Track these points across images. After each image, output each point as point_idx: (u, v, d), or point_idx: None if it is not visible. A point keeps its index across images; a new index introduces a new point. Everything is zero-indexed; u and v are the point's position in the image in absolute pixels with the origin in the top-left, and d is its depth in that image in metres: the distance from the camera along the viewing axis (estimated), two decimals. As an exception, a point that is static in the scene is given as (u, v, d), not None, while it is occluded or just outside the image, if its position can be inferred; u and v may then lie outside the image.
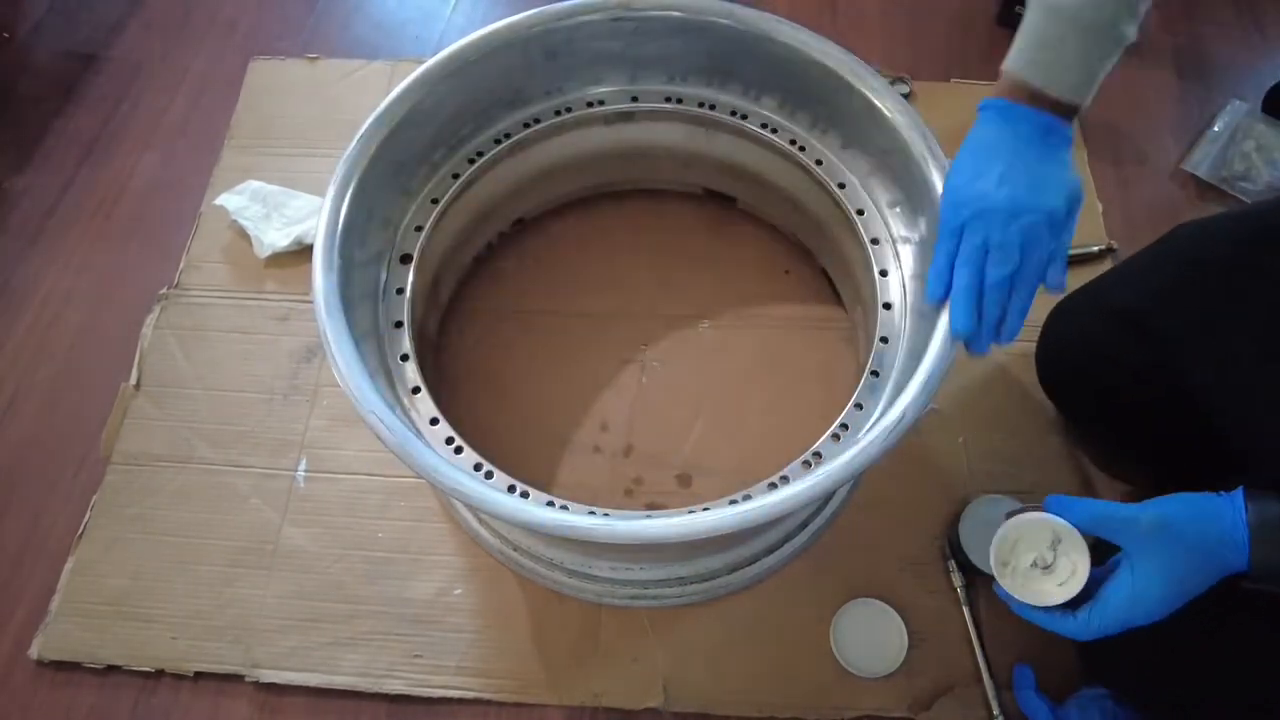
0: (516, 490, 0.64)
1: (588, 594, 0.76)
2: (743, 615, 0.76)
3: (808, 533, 0.77)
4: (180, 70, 1.14)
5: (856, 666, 0.72)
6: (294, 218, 0.96)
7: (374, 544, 0.80)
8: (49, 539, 0.82)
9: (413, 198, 0.79)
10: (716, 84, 0.83)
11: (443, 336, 0.89)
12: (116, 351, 0.91)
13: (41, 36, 1.18)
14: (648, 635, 0.75)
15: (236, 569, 0.79)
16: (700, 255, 0.94)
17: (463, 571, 0.78)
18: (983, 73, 1.06)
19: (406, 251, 0.76)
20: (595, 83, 0.84)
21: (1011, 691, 0.71)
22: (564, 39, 0.78)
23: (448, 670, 0.74)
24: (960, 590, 0.75)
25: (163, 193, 1.03)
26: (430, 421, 0.68)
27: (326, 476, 0.83)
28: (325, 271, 0.65)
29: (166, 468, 0.84)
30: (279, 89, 1.09)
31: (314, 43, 1.15)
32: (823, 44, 0.74)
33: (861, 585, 0.76)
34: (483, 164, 0.81)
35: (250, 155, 1.04)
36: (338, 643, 0.75)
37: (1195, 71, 1.06)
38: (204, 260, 0.96)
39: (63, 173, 1.05)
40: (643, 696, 0.73)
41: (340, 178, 0.69)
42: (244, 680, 0.74)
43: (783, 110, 0.82)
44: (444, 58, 0.74)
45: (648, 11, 0.77)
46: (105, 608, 0.78)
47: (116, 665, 0.75)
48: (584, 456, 0.83)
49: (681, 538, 0.55)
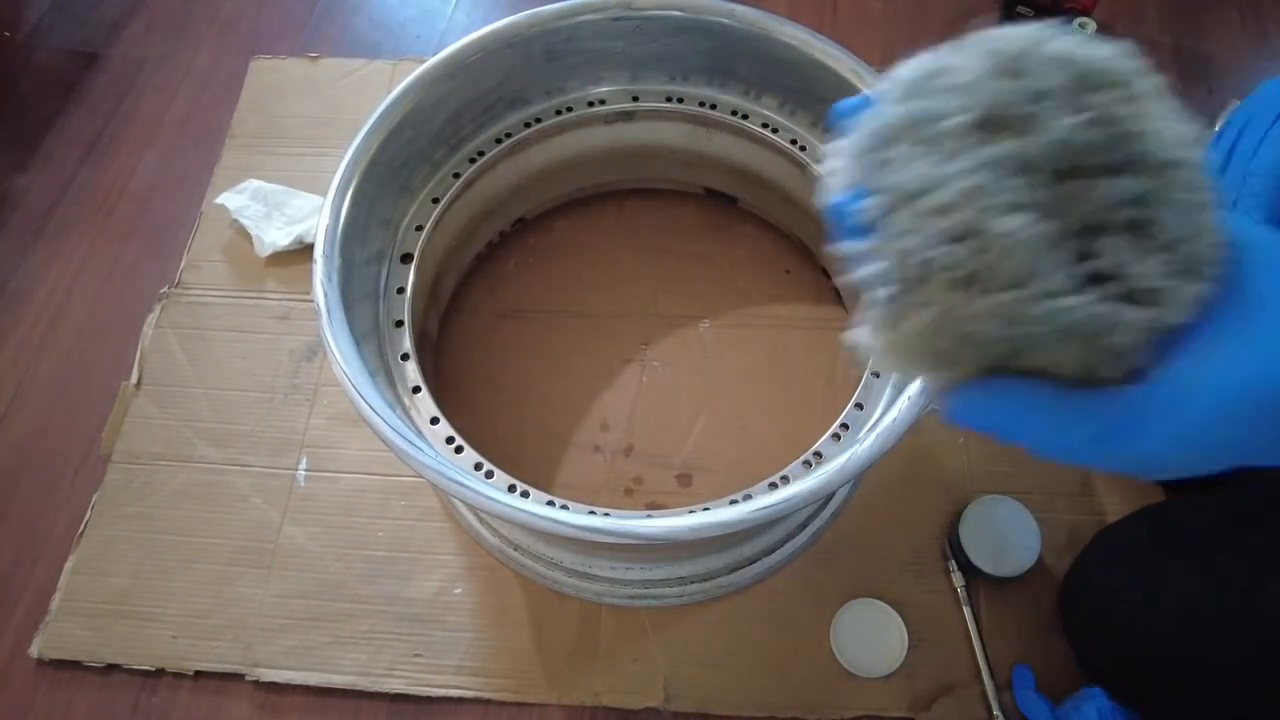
0: (516, 490, 0.64)
1: (588, 593, 0.76)
2: (743, 615, 0.76)
3: (808, 533, 0.77)
4: (181, 69, 1.14)
5: (857, 666, 0.72)
6: (295, 217, 0.96)
7: (374, 543, 0.80)
8: (49, 538, 0.82)
9: (413, 197, 0.79)
10: (717, 83, 0.84)
11: (443, 336, 0.89)
12: (117, 350, 0.91)
13: (42, 35, 1.18)
14: (648, 635, 0.75)
15: (237, 568, 0.79)
16: (700, 255, 0.94)
17: (463, 571, 0.78)
18: (984, 72, 1.05)
19: (407, 251, 0.76)
20: (596, 82, 0.84)
21: (1011, 691, 0.71)
22: (565, 38, 0.78)
23: (448, 669, 0.74)
24: (960, 590, 0.75)
25: (163, 192, 1.03)
26: (430, 421, 0.68)
27: (327, 475, 0.83)
28: (326, 270, 0.65)
29: (167, 466, 0.84)
30: (280, 88, 1.09)
31: (315, 42, 1.15)
32: (824, 43, 0.74)
33: (862, 585, 0.76)
34: (483, 163, 0.81)
35: (251, 154, 1.04)
36: (338, 642, 0.75)
37: (1196, 71, 1.06)
38: (205, 259, 0.96)
39: (63, 172, 1.05)
40: (643, 696, 0.73)
41: (341, 177, 0.69)
42: (244, 679, 0.74)
43: (784, 110, 0.82)
44: (445, 57, 0.74)
45: (649, 11, 0.77)
46: (105, 607, 0.78)
47: (117, 664, 0.75)
48: (584, 456, 0.83)
49: (681, 537, 0.55)
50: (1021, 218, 0.21)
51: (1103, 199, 0.21)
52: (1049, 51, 0.23)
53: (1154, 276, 0.21)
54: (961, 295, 0.21)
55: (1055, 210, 0.21)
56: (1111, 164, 0.22)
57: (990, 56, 0.23)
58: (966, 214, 0.21)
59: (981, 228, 0.21)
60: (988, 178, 0.21)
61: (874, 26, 1.13)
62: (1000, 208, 0.21)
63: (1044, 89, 0.22)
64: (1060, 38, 0.24)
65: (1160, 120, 0.23)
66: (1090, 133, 0.21)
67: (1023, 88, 0.22)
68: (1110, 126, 0.22)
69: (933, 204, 0.21)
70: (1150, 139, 0.22)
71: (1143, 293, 0.21)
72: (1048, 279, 0.21)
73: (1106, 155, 0.22)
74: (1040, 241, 0.21)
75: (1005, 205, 0.21)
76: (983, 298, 0.21)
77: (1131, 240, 0.21)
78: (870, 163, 0.23)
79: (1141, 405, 0.21)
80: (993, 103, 0.22)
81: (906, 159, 0.22)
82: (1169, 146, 0.22)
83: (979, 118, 0.22)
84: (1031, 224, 0.21)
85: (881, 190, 0.23)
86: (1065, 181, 0.21)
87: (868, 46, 1.10)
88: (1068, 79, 0.22)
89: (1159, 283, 0.21)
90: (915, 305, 0.22)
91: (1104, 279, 0.21)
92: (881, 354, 0.24)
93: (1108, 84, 0.23)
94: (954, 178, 0.21)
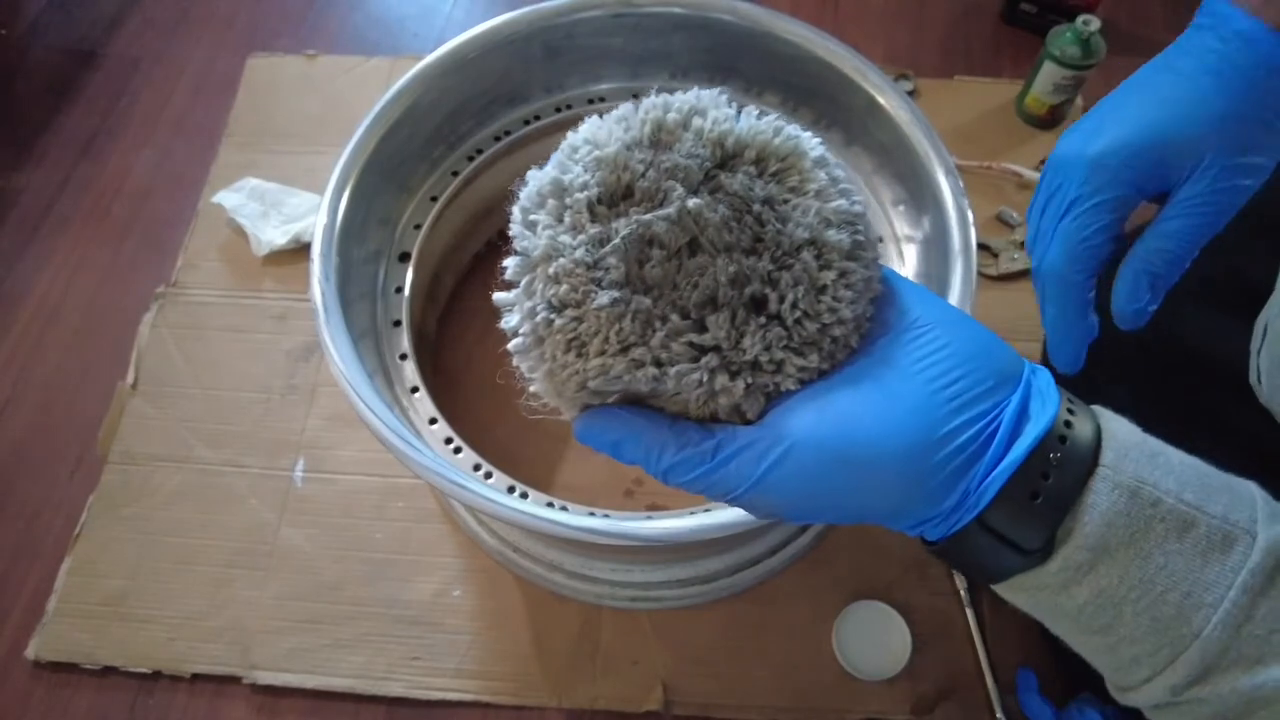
0: (516, 491, 0.63)
1: (588, 596, 0.75)
2: (744, 618, 0.75)
3: (810, 535, 0.77)
4: (178, 67, 1.13)
5: (859, 669, 0.72)
6: (292, 215, 0.95)
7: (372, 545, 0.79)
8: (45, 539, 0.81)
9: (411, 195, 0.78)
10: (718, 80, 0.83)
11: (442, 335, 0.89)
12: (113, 350, 0.90)
13: (38, 33, 1.18)
14: (648, 637, 0.75)
15: (234, 570, 0.78)
16: (701, 254, 0.93)
17: (462, 573, 0.78)
18: (987, 69, 1.05)
19: (405, 249, 0.76)
20: (596, 79, 0.83)
21: (1015, 695, 0.70)
22: (564, 35, 0.78)
23: (447, 672, 0.74)
24: (964, 592, 0.74)
25: (160, 190, 1.03)
26: (429, 421, 0.67)
27: (324, 477, 0.82)
28: (323, 269, 0.64)
29: (163, 467, 0.83)
30: (277, 86, 1.09)
31: (312, 39, 1.14)
32: (825, 40, 0.73)
33: (864, 587, 0.75)
34: (482, 161, 0.80)
35: (248, 152, 1.03)
36: (336, 644, 0.75)
37: (1201, 69, 1.05)
38: (201, 258, 0.96)
39: (59, 170, 1.05)
40: (643, 699, 0.72)
41: (338, 175, 0.68)
42: (241, 682, 0.74)
43: (785, 107, 0.81)
44: (443, 54, 0.74)
45: (649, 7, 0.76)
46: (102, 608, 0.77)
47: (113, 666, 0.75)
48: (584, 457, 0.83)
49: (682, 539, 0.55)
50: (611, 294, 0.22)
51: (719, 277, 0.22)
52: (696, 125, 0.23)
53: (756, 350, 0.22)
54: (571, 355, 0.24)
55: (670, 285, 0.22)
56: (733, 244, 0.22)
57: (641, 126, 0.24)
58: (576, 283, 0.23)
59: (581, 299, 0.23)
60: (597, 252, 0.22)
61: (876, 22, 1.12)
62: (605, 282, 0.22)
63: (679, 165, 0.23)
64: (718, 109, 0.24)
65: (809, 197, 0.23)
66: (713, 211, 0.22)
67: (658, 162, 0.23)
68: (743, 207, 0.23)
69: (551, 272, 0.23)
70: (791, 215, 0.23)
71: (745, 365, 0.23)
72: (643, 347, 0.22)
73: (730, 234, 0.22)
74: (638, 315, 0.22)
75: (609, 279, 0.22)
76: (584, 359, 0.23)
77: (746, 316, 0.23)
78: (522, 223, 0.25)
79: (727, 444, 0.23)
80: (620, 181, 0.23)
81: (544, 225, 0.24)
82: (811, 224, 0.23)
83: (601, 194, 0.23)
84: (627, 298, 0.22)
85: (522, 251, 0.25)
86: (692, 258, 0.22)
87: (870, 43, 1.09)
88: (709, 155, 0.23)
89: (763, 356, 0.23)
90: (538, 357, 0.25)
91: (709, 350, 0.23)
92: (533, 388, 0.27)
93: (755, 160, 0.23)
94: (569, 249, 0.23)
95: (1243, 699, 0.22)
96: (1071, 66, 0.92)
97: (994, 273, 0.90)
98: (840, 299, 0.23)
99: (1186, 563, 0.23)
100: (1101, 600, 0.24)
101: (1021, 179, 0.95)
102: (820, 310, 0.23)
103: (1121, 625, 0.24)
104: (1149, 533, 0.23)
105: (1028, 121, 1.00)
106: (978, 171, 0.96)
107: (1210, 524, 0.23)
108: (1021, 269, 0.90)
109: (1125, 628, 0.24)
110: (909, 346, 0.24)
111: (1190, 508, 0.24)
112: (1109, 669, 0.27)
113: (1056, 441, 0.24)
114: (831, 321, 0.23)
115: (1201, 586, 0.23)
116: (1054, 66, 0.93)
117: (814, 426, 0.23)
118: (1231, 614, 0.22)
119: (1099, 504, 0.23)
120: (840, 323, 0.23)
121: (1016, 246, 0.92)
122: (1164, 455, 0.25)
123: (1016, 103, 1.00)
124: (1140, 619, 0.24)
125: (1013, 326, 0.86)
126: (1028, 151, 0.98)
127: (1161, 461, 0.24)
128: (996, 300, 0.89)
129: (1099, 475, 0.24)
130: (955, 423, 0.23)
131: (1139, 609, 0.23)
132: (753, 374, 0.23)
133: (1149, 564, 0.23)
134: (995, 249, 0.92)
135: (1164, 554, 0.23)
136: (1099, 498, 0.23)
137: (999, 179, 0.96)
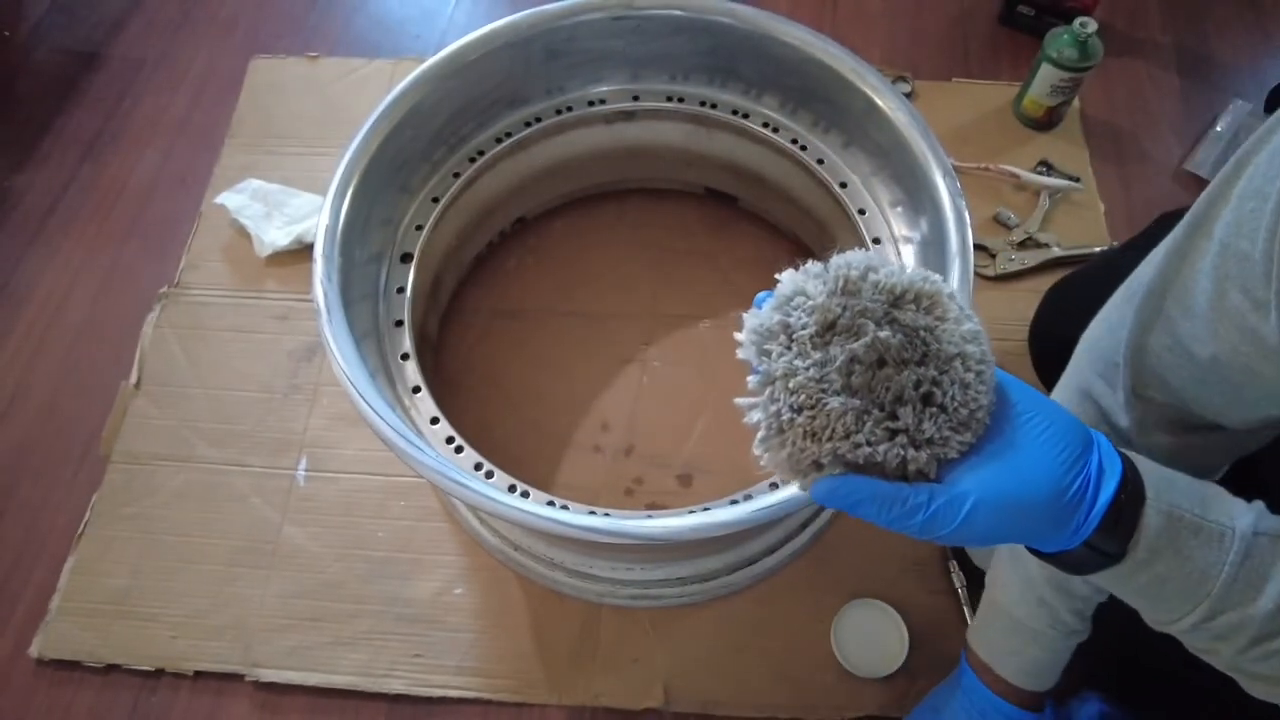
0: (517, 490, 0.64)
1: (588, 594, 0.75)
2: (743, 615, 0.76)
3: (808, 533, 0.77)
4: (181, 68, 1.13)
5: (857, 667, 0.72)
6: (294, 216, 0.96)
7: (374, 543, 0.80)
8: (49, 538, 0.82)
9: (413, 196, 0.79)
10: (718, 83, 0.83)
11: (443, 335, 0.89)
12: (116, 350, 0.91)
13: (42, 35, 1.18)
14: (648, 635, 0.75)
15: (236, 568, 0.79)
16: (701, 255, 0.94)
17: (463, 571, 0.78)
18: (984, 72, 1.05)
19: (407, 250, 0.76)
20: (596, 81, 0.84)
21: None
22: (565, 38, 0.78)
23: (448, 670, 0.74)
24: (961, 590, 0.75)
25: (163, 191, 1.03)
26: (430, 421, 0.68)
27: (327, 476, 0.83)
28: (325, 270, 0.65)
29: (166, 467, 0.84)
30: (280, 87, 1.09)
31: (315, 41, 1.15)
32: (824, 43, 0.74)
33: (862, 585, 0.76)
34: (483, 163, 0.81)
35: (251, 154, 1.04)
36: (338, 642, 0.75)
37: (1198, 71, 1.06)
38: (204, 259, 0.96)
39: (63, 171, 1.05)
40: (643, 697, 0.72)
41: (341, 176, 0.69)
42: (244, 679, 0.74)
43: (784, 109, 0.82)
44: (445, 56, 0.74)
45: (649, 10, 0.77)
46: (105, 607, 0.77)
47: (116, 664, 0.75)
48: (584, 456, 0.83)
49: (682, 538, 0.55)
50: (840, 399, 0.34)
51: (903, 382, 0.34)
52: (872, 279, 0.35)
53: (931, 430, 0.34)
54: (808, 441, 0.34)
55: (869, 389, 0.34)
56: (909, 358, 0.34)
57: (834, 281, 0.35)
58: (810, 393, 0.34)
59: (817, 402, 0.34)
60: (822, 371, 0.34)
61: (874, 25, 1.13)
62: (830, 390, 0.34)
63: (866, 307, 0.34)
64: (884, 266, 0.35)
65: (951, 323, 0.35)
66: (894, 338, 0.34)
67: (850, 305, 0.34)
68: (912, 333, 0.34)
69: (791, 385, 0.34)
70: (943, 336, 0.35)
71: (924, 441, 0.34)
72: (860, 434, 0.34)
73: (907, 352, 0.34)
74: (855, 411, 0.34)
75: (833, 389, 0.34)
76: (819, 444, 0.34)
77: (922, 407, 0.34)
78: (756, 350, 0.35)
79: (928, 499, 0.34)
80: (828, 320, 0.34)
81: (777, 353, 0.35)
82: (955, 342, 0.35)
83: (818, 330, 0.34)
84: (847, 401, 0.34)
85: (762, 371, 0.35)
86: (881, 369, 0.34)
87: (868, 45, 1.10)
88: (884, 298, 0.35)
89: (936, 434, 0.34)
90: (779, 444, 0.35)
91: (900, 432, 0.34)
92: (766, 464, 0.36)
93: (912, 299, 0.35)
94: (802, 369, 0.34)
95: (1232, 626, 0.36)
96: (1069, 68, 0.93)
97: (991, 273, 0.91)
98: (980, 392, 0.34)
99: (1201, 553, 0.36)
100: (1152, 579, 0.37)
101: (1019, 180, 0.96)
102: (969, 400, 0.34)
103: (1165, 592, 0.37)
104: (1179, 538, 0.36)
105: (1025, 123, 1.01)
106: (975, 173, 0.97)
107: (1211, 526, 0.37)
108: (1018, 269, 0.91)
109: (1167, 593, 0.37)
110: (1026, 428, 0.35)
111: (1199, 517, 0.37)
112: (1149, 614, 0.40)
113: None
114: (976, 407, 0.34)
115: (1209, 565, 0.36)
116: (1051, 68, 0.93)
117: (987, 487, 0.34)
118: (1226, 580, 0.36)
119: (1151, 524, 0.36)
120: (981, 408, 0.34)
121: (1014, 247, 0.92)
122: (1177, 479, 0.38)
123: (1014, 104, 1.01)
124: (1176, 588, 0.37)
125: (1009, 326, 0.86)
126: (1025, 153, 0.99)
127: (1177, 485, 0.37)
128: (993, 300, 0.90)
129: (1149, 504, 0.36)
130: (1070, 478, 0.35)
131: (1175, 582, 0.37)
132: (929, 447, 0.34)
133: (1180, 557, 0.36)
134: (992, 250, 0.92)
135: (1190, 549, 0.36)
136: (1150, 519, 0.36)
137: (996, 180, 0.97)
